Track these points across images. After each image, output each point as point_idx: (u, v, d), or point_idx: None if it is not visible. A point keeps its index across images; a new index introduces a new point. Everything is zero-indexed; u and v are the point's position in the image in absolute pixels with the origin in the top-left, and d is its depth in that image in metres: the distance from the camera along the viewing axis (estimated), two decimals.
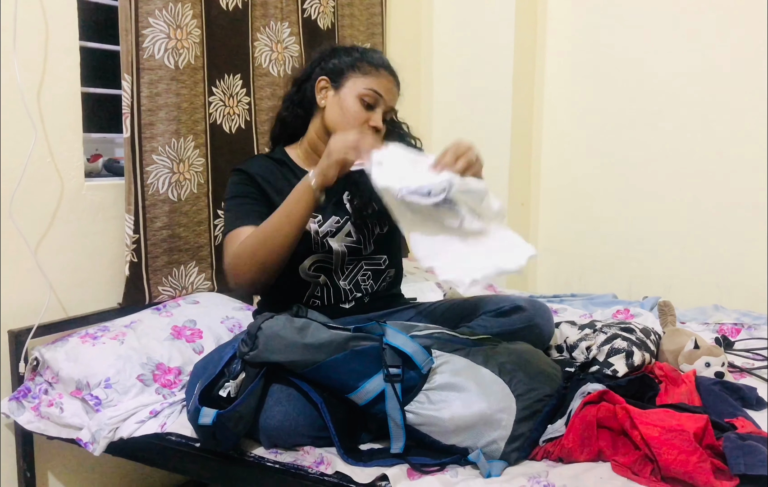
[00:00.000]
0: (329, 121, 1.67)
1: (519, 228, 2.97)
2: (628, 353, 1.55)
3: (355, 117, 1.63)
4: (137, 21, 1.84)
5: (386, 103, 1.66)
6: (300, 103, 1.74)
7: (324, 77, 1.68)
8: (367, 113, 1.64)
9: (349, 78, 1.65)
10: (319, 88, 1.68)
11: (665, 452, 1.17)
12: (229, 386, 1.37)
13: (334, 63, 1.69)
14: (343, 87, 1.66)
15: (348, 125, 1.63)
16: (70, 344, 1.67)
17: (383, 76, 1.66)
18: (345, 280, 1.68)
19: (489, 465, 1.26)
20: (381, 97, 1.64)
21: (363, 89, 1.63)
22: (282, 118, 1.78)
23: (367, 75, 1.65)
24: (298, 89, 1.75)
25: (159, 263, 1.94)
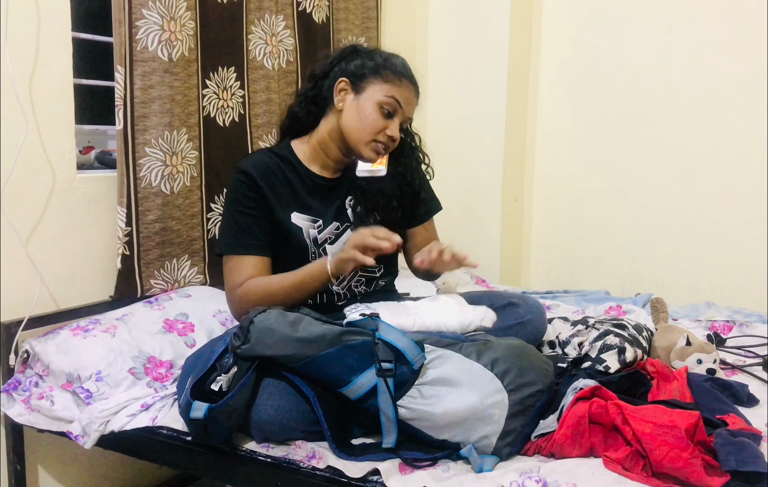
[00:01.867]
0: (346, 125, 1.64)
1: (512, 224, 2.99)
2: (620, 349, 1.56)
3: (373, 125, 1.61)
4: (131, 12, 1.82)
5: (404, 113, 1.64)
6: (314, 100, 1.70)
7: (344, 79, 1.64)
8: (385, 121, 1.62)
9: (371, 83, 1.62)
10: (338, 89, 1.64)
11: (657, 448, 1.17)
12: (221, 380, 1.37)
13: (355, 65, 1.65)
14: (363, 92, 1.62)
15: (365, 132, 1.61)
16: (61, 337, 1.66)
17: (405, 85, 1.64)
18: (338, 285, 1.67)
19: (481, 460, 1.26)
20: (400, 107, 1.62)
21: (383, 97, 1.61)
22: (294, 112, 1.74)
23: (389, 82, 1.62)
24: (314, 85, 1.71)
25: (151, 256, 1.93)
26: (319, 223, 1.65)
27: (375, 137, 1.62)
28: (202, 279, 2.08)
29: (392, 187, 1.72)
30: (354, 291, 1.69)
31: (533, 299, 1.72)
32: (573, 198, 2.99)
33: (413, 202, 1.79)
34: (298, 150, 1.71)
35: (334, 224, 1.66)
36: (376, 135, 1.62)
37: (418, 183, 1.77)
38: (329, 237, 1.65)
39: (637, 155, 2.82)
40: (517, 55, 2.89)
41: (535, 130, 3.04)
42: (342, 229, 1.67)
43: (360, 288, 1.70)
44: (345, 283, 1.67)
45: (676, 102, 2.73)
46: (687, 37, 2.69)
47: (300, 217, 1.65)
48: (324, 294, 1.65)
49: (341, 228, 1.67)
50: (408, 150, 1.76)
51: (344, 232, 1.66)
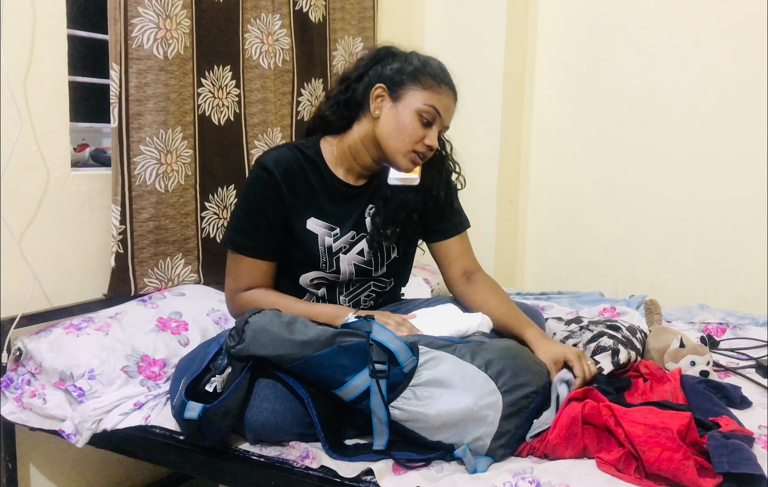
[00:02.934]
0: (382, 133, 1.57)
1: (507, 225, 2.99)
2: (613, 351, 1.56)
3: (412, 134, 1.54)
4: (126, 10, 1.82)
5: (443, 121, 1.58)
6: (347, 104, 1.63)
7: (381, 85, 1.57)
8: (424, 131, 1.55)
9: (409, 90, 1.55)
10: (374, 95, 1.57)
11: (649, 449, 1.17)
12: (215, 381, 1.36)
13: (392, 69, 1.58)
14: (401, 99, 1.55)
15: (403, 142, 1.55)
16: (54, 335, 1.65)
17: (444, 92, 1.57)
18: (346, 296, 1.65)
19: (475, 461, 1.26)
20: (440, 115, 1.56)
21: (423, 105, 1.54)
22: (324, 114, 1.66)
23: (428, 90, 1.55)
24: (347, 88, 1.63)
25: (145, 254, 1.93)
26: (336, 232, 1.61)
27: (413, 147, 1.56)
28: (195, 278, 2.08)
29: (416, 200, 1.65)
30: (359, 305, 1.68)
31: (532, 308, 1.71)
32: (568, 200, 3.00)
33: (436, 217, 1.71)
34: (326, 150, 1.64)
35: (350, 233, 1.62)
36: (415, 145, 1.56)
37: (443, 196, 1.70)
38: (344, 246, 1.61)
39: (631, 158, 2.83)
40: (513, 56, 2.89)
41: (530, 131, 3.04)
42: (357, 239, 1.63)
43: (368, 304, 1.69)
44: (353, 296, 1.66)
45: (670, 105, 2.74)
46: (681, 42, 2.70)
47: (317, 223, 1.60)
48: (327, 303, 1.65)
49: (356, 237, 1.63)
50: (438, 161, 1.69)
51: (359, 242, 1.63)
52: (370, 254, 1.64)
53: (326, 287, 1.64)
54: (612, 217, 2.90)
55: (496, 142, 2.86)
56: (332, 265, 1.60)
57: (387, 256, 1.66)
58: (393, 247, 1.66)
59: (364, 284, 1.66)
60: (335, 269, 1.61)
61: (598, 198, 2.92)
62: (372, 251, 1.63)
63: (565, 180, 3.00)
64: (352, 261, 1.62)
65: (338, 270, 1.61)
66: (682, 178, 2.74)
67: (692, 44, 2.68)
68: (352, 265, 1.62)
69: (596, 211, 2.93)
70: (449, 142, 1.74)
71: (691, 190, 2.73)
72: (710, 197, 2.69)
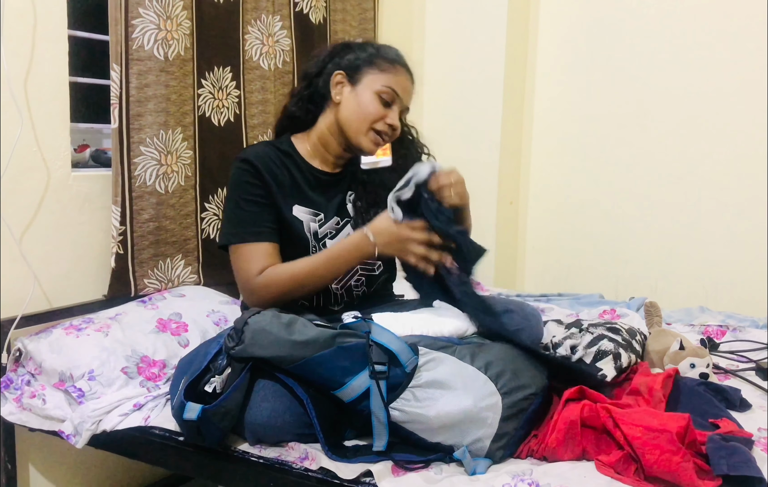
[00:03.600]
0: (344, 116, 1.63)
1: (507, 227, 2.99)
2: (615, 355, 1.55)
3: (372, 113, 1.61)
4: (127, 11, 1.82)
5: (403, 101, 1.64)
6: (310, 98, 1.70)
7: (341, 72, 1.64)
8: (384, 110, 1.61)
9: (367, 74, 1.62)
10: (334, 82, 1.64)
11: (648, 452, 1.17)
12: (214, 381, 1.36)
13: (350, 58, 1.65)
14: (360, 83, 1.62)
15: (364, 122, 1.61)
16: (54, 336, 1.65)
17: (400, 73, 1.64)
18: (337, 284, 1.66)
19: (474, 463, 1.26)
20: (398, 96, 1.62)
21: (381, 86, 1.60)
22: (290, 113, 1.73)
23: (385, 71, 1.62)
24: (308, 84, 1.70)
25: (145, 255, 1.93)
26: (320, 217, 1.64)
27: (374, 126, 1.61)
28: (195, 279, 2.08)
29: (394, 181, 1.67)
30: (352, 293, 1.69)
31: (530, 307, 1.71)
32: (568, 201, 3.00)
33: None
34: (298, 145, 1.70)
35: (334, 219, 1.65)
36: (375, 124, 1.61)
37: None
38: (330, 232, 1.65)
39: (631, 159, 2.83)
40: (514, 59, 2.89)
41: (530, 133, 3.04)
42: (342, 225, 1.66)
43: (360, 290, 1.69)
44: (344, 283, 1.67)
45: (671, 107, 2.74)
46: (680, 46, 2.70)
47: (301, 210, 1.63)
48: (321, 295, 1.65)
49: (341, 223, 1.66)
50: (407, 142, 1.76)
51: (344, 227, 1.66)
52: None
53: None
54: (612, 219, 2.90)
55: (497, 144, 2.86)
56: (320, 249, 1.62)
57: None
58: None
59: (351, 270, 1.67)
60: None
61: (599, 200, 2.92)
62: None
63: (565, 182, 3.00)
64: None
65: None
66: (682, 180, 2.74)
67: (691, 48, 2.68)
68: None
69: (596, 213, 2.93)
70: (414, 127, 1.80)
71: (691, 192, 2.72)
72: (710, 200, 2.69)
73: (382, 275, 1.73)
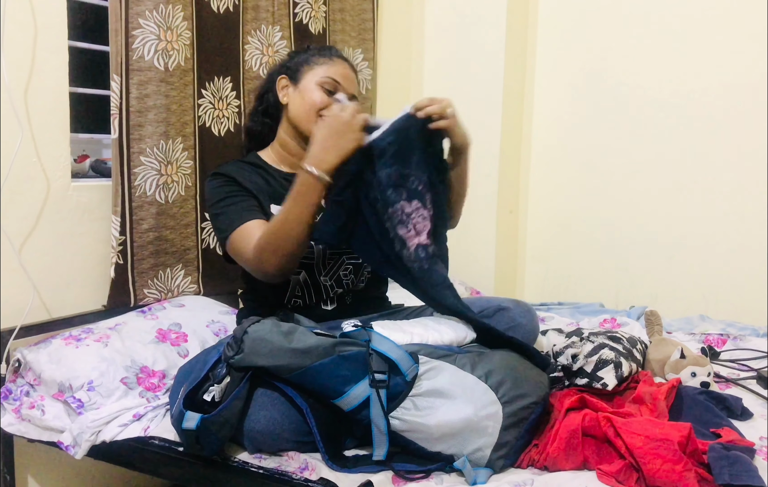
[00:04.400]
0: (294, 114, 1.70)
1: (507, 236, 2.99)
2: (616, 364, 1.54)
3: (318, 101, 1.67)
4: (127, 22, 1.83)
5: (345, 88, 1.69)
6: (265, 112, 1.79)
7: (283, 76, 1.73)
8: (329, 98, 1.67)
9: (306, 71, 1.71)
10: (280, 87, 1.73)
11: (650, 461, 1.17)
12: (213, 390, 1.36)
13: (290, 63, 1.76)
14: (301, 80, 1.70)
15: (311, 111, 1.66)
16: (53, 346, 1.65)
17: (337, 63, 1.72)
18: (326, 276, 1.67)
19: (475, 472, 1.26)
20: (339, 84, 1.69)
21: (321, 78, 1.69)
22: (249, 129, 1.84)
23: (322, 65, 1.71)
24: (261, 101, 1.80)
25: (145, 265, 1.93)
26: None
27: (322, 113, 1.63)
28: (195, 289, 2.08)
29: None
30: (342, 281, 1.68)
31: (524, 303, 1.72)
32: (568, 210, 3.00)
33: None
34: (265, 157, 1.76)
35: None
36: (322, 111, 1.64)
37: None
38: None
39: (631, 168, 2.83)
40: (513, 68, 2.90)
41: (530, 142, 3.05)
42: None
43: (348, 279, 1.69)
44: (332, 273, 1.67)
45: (670, 116, 2.74)
46: (681, 53, 2.70)
47: (278, 209, 1.62)
48: (311, 291, 1.66)
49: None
50: None
51: None
52: None
53: (305, 269, 1.65)
54: (612, 227, 2.89)
55: (496, 153, 2.86)
56: None
57: None
58: None
59: (338, 260, 1.68)
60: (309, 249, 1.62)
61: (598, 209, 2.92)
62: None
63: (564, 191, 3.00)
64: None
65: (312, 250, 1.63)
66: (682, 189, 2.74)
67: (691, 57, 2.68)
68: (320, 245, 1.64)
69: (596, 221, 2.93)
70: None
71: (691, 200, 2.72)
72: (710, 208, 2.69)
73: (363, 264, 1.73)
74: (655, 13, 2.75)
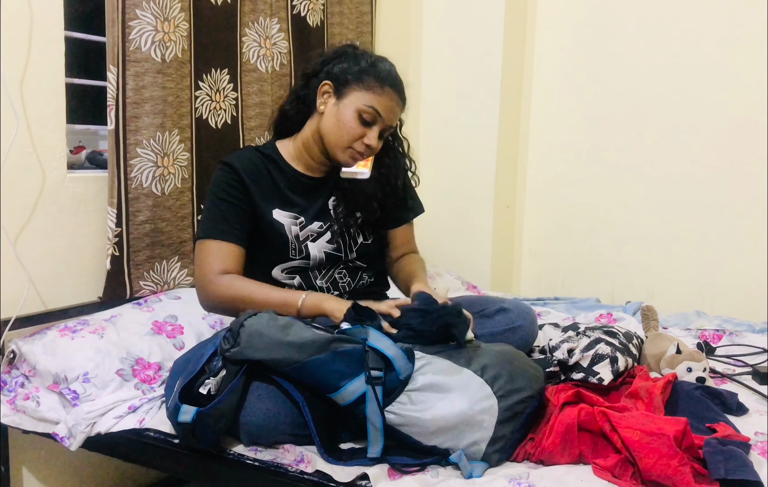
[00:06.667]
0: (325, 128, 1.64)
1: (504, 231, 2.99)
2: (612, 359, 1.55)
3: (351, 132, 1.61)
4: (124, 12, 1.82)
5: (384, 122, 1.63)
6: (304, 99, 1.71)
7: (328, 82, 1.64)
8: (363, 129, 1.61)
9: (352, 90, 1.61)
10: (321, 92, 1.65)
11: (645, 455, 1.17)
12: (209, 383, 1.35)
13: (340, 68, 1.64)
14: (344, 97, 1.62)
15: (342, 138, 1.62)
16: (49, 337, 1.65)
17: (387, 94, 1.62)
18: (322, 279, 1.67)
19: (470, 466, 1.26)
20: (380, 116, 1.61)
21: (363, 105, 1.60)
22: (285, 110, 1.76)
23: (370, 91, 1.61)
24: (305, 84, 1.71)
25: (141, 257, 1.92)
26: (301, 220, 1.65)
27: (351, 144, 1.62)
28: (191, 281, 2.07)
29: (374, 189, 1.72)
30: (338, 283, 1.69)
31: (524, 305, 1.72)
32: (564, 206, 3.00)
33: (396, 205, 1.79)
34: (283, 150, 1.73)
35: (316, 223, 1.67)
36: (353, 142, 1.62)
37: (401, 186, 1.78)
38: (311, 235, 1.66)
39: (628, 164, 2.84)
40: (511, 62, 2.90)
41: (527, 137, 3.05)
42: (325, 229, 1.67)
43: (345, 281, 1.70)
44: (328, 276, 1.68)
45: (667, 112, 2.74)
46: (677, 50, 2.71)
47: (282, 214, 1.65)
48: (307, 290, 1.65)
49: (324, 227, 1.67)
50: (393, 153, 1.76)
51: (327, 232, 1.67)
52: (338, 241, 1.68)
53: (300, 275, 1.66)
54: (608, 223, 2.90)
55: (493, 148, 2.86)
56: (301, 251, 1.64)
57: (354, 242, 1.71)
58: (359, 233, 1.71)
59: (335, 264, 1.69)
60: (305, 255, 1.64)
61: (595, 204, 2.92)
62: (339, 237, 1.68)
63: (561, 186, 3.00)
64: (322, 249, 1.66)
65: (308, 256, 1.64)
66: (679, 184, 2.74)
67: (687, 52, 2.68)
68: (322, 252, 1.66)
69: (593, 217, 2.93)
70: (406, 139, 1.80)
71: (687, 196, 2.73)
72: (707, 204, 2.69)
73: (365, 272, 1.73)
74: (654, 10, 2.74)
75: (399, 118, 1.69)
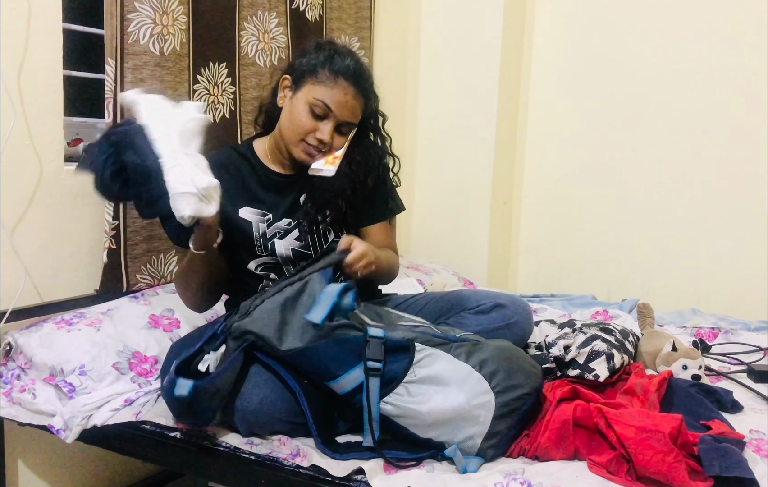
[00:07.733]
0: (281, 123, 1.64)
1: (500, 227, 2.99)
2: (608, 355, 1.55)
3: (302, 126, 1.59)
4: (123, 5, 1.81)
5: (337, 117, 1.59)
6: None
7: (287, 76, 1.64)
8: (315, 123, 1.59)
9: (306, 83, 1.60)
10: (282, 86, 1.65)
11: (641, 452, 1.17)
12: (208, 359, 1.35)
13: (301, 62, 1.63)
14: (299, 90, 1.61)
15: (294, 132, 1.60)
16: (45, 330, 1.64)
17: (339, 87, 1.58)
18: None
19: (465, 461, 1.26)
20: (330, 111, 1.58)
21: (313, 98, 1.58)
22: (263, 106, 1.77)
23: (321, 84, 1.58)
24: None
25: (138, 250, 1.92)
26: (268, 217, 1.64)
27: (304, 138, 1.60)
28: None
29: (342, 186, 1.66)
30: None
31: (521, 301, 1.72)
32: (561, 203, 3.01)
33: (366, 202, 1.71)
34: (258, 148, 1.72)
35: (285, 220, 1.65)
36: (305, 136, 1.59)
37: (370, 184, 1.69)
38: (278, 232, 1.64)
39: (625, 161, 2.84)
40: (509, 58, 2.90)
41: (525, 134, 3.05)
42: (293, 226, 1.65)
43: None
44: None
45: (665, 109, 2.75)
46: (674, 49, 2.71)
47: (249, 212, 1.64)
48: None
49: (293, 224, 1.66)
50: (365, 151, 1.70)
51: (295, 229, 1.65)
52: (306, 238, 1.65)
53: (274, 271, 1.65)
54: (605, 220, 2.90)
55: (491, 145, 2.87)
56: (267, 249, 1.63)
57: (324, 239, 1.67)
58: (329, 230, 1.67)
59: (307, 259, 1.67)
60: (271, 253, 1.63)
61: (592, 201, 2.93)
62: (308, 234, 1.65)
63: (559, 183, 3.00)
64: (290, 246, 1.64)
65: (274, 253, 1.64)
66: (675, 182, 2.75)
67: (685, 50, 2.69)
68: (289, 249, 1.64)
69: (590, 214, 2.94)
70: (389, 136, 1.77)
71: (683, 195, 2.73)
72: (703, 202, 2.70)
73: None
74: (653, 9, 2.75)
75: (357, 112, 1.63)
